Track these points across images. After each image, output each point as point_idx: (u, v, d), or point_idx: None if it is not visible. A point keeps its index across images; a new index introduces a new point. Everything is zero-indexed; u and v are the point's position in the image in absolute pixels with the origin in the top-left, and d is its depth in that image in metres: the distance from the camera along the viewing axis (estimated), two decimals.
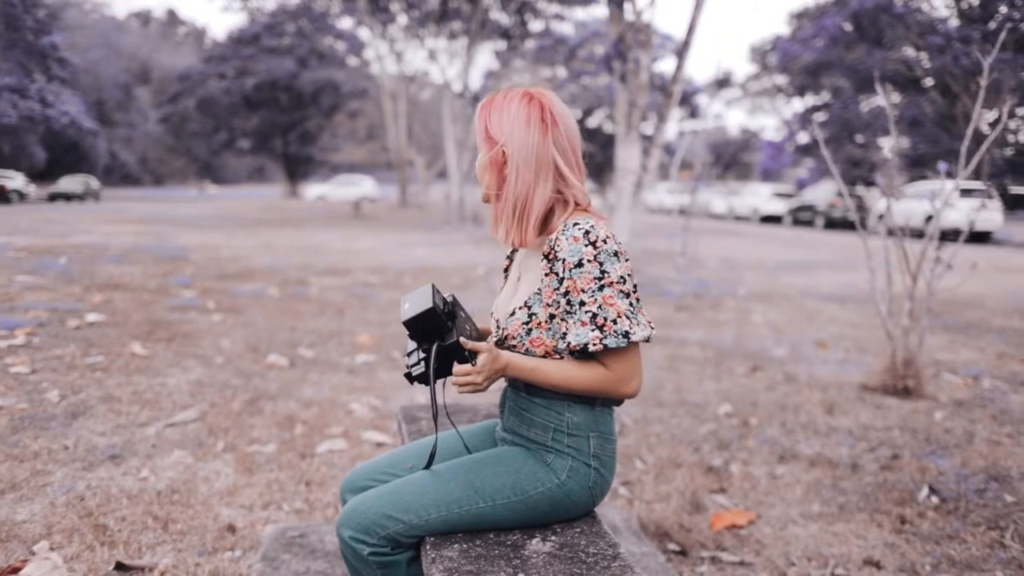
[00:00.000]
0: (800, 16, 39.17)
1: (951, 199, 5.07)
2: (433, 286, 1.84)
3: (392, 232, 21.14)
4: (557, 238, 1.80)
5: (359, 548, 1.83)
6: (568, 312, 1.79)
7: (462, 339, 1.79)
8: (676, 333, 7.52)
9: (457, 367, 1.79)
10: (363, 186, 48.81)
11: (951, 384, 5.75)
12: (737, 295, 10.19)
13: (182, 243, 15.56)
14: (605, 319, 1.75)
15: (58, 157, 51.16)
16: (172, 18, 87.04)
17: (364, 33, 41.33)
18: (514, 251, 2.12)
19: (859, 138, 34.24)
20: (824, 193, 28.67)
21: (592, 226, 1.78)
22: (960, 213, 12.68)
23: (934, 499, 3.61)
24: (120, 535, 3.04)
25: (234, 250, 14.55)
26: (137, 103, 64.34)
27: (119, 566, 2.78)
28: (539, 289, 1.85)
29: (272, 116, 50.54)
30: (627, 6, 11.26)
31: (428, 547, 1.79)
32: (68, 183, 39.40)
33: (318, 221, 25.76)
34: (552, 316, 1.83)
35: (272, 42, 47.50)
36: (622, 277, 1.78)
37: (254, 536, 3.12)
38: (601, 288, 1.75)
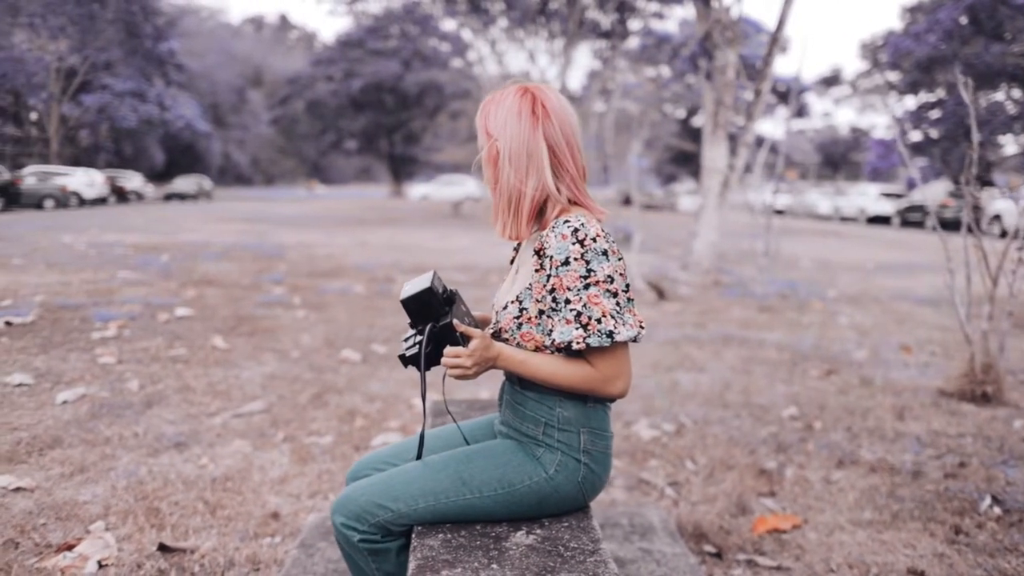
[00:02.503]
0: (914, 10, 37.80)
1: None
2: (435, 272, 1.87)
3: (487, 231, 21.31)
4: (547, 234, 1.80)
5: (350, 534, 1.88)
6: (554, 309, 1.79)
7: (455, 321, 1.81)
8: (755, 334, 7.38)
9: (448, 349, 1.81)
10: (466, 186, 49.31)
11: None
12: (826, 297, 9.94)
13: (281, 241, 16.04)
14: (589, 318, 1.74)
15: (175, 158, 53.38)
16: (284, 23, 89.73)
17: (467, 34, 41.79)
18: (520, 244, 2.13)
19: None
20: (935, 193, 27.62)
21: (583, 223, 1.78)
22: None
23: (996, 510, 3.46)
24: (170, 518, 3.18)
25: (330, 248, 14.93)
26: (250, 106, 66.57)
27: (162, 547, 2.91)
28: (530, 284, 1.86)
29: (377, 117, 51.59)
30: (714, 3, 11.09)
31: (414, 536, 1.83)
32: (182, 183, 41.16)
33: (417, 221, 26.18)
34: (541, 312, 1.84)
35: (377, 45, 48.49)
36: (609, 276, 1.77)
37: (296, 524, 3.22)
38: (587, 287, 1.75)
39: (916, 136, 35.92)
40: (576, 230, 1.76)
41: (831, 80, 52.93)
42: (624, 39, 31.23)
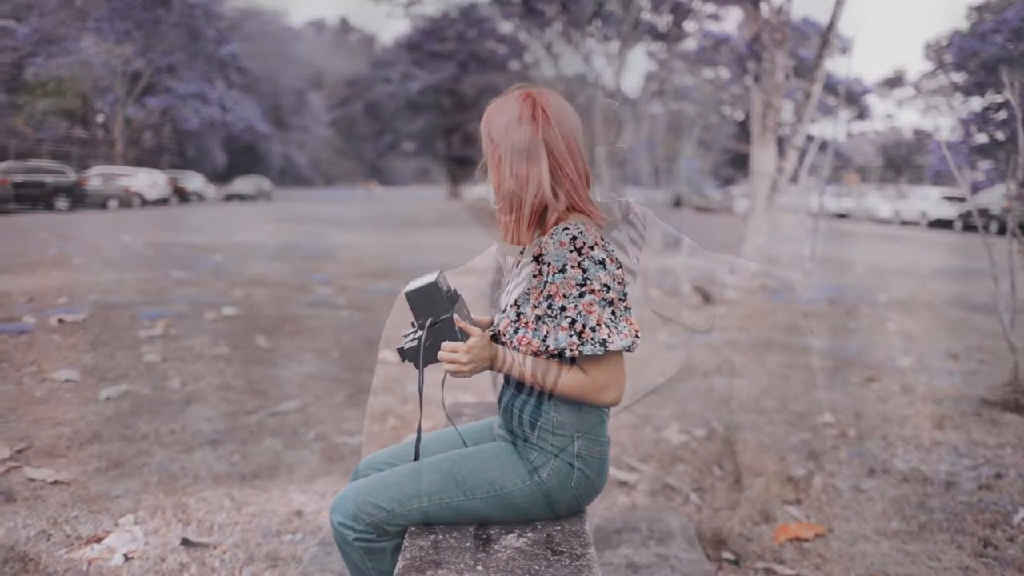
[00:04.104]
0: (980, 9, 36.87)
1: None
2: (441, 272, 1.91)
3: None
4: (546, 240, 1.82)
5: (346, 533, 1.92)
6: (549, 315, 1.81)
7: (456, 316, 1.84)
8: (798, 339, 7.29)
9: (446, 343, 1.85)
10: None
11: None
12: (876, 302, 9.76)
13: (334, 242, 16.25)
14: (584, 326, 1.76)
15: (237, 160, 54.20)
16: (344, 26, 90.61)
17: (524, 37, 41.84)
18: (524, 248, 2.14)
19: None
20: (999, 196, 26.86)
21: (581, 231, 1.78)
22: None
23: None
24: (196, 514, 3.26)
25: (381, 249, 15.09)
26: (310, 108, 67.33)
27: (185, 541, 2.98)
28: (528, 289, 1.88)
29: (435, 119, 51.93)
30: (763, 5, 10.98)
31: (407, 536, 1.86)
32: (241, 184, 41.93)
33: (471, 222, 26.25)
34: (538, 317, 1.86)
35: (434, 47, 48.82)
36: (605, 285, 1.77)
37: (318, 522, 3.28)
38: (582, 295, 1.76)
39: (982, 138, 34.97)
40: (574, 238, 1.77)
41: (894, 81, 51.83)
42: (679, 41, 30.96)
